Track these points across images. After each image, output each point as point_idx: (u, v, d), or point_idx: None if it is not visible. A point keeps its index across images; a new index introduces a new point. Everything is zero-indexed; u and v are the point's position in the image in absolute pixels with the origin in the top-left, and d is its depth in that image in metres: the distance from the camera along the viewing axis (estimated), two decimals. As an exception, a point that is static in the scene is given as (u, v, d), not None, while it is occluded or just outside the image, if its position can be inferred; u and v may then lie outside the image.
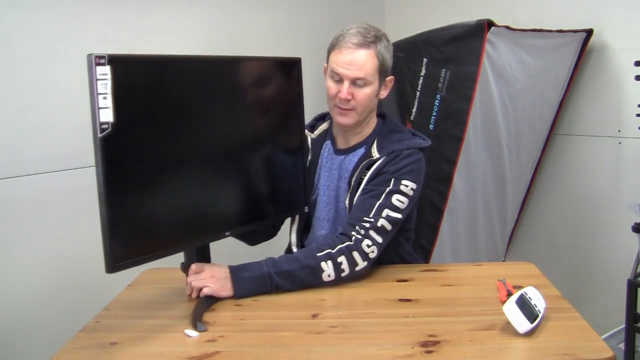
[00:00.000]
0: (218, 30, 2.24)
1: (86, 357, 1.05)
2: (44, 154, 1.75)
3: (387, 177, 1.39)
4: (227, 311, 1.22)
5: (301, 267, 1.29)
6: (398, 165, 1.39)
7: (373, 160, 1.42)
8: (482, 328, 1.10)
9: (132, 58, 1.15)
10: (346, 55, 1.37)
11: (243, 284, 1.27)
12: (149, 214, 1.17)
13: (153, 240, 1.19)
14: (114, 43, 1.90)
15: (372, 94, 1.41)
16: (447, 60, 2.06)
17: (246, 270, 1.29)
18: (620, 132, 2.20)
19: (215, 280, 1.26)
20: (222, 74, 1.30)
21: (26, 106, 1.69)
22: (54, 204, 1.77)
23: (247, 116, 1.37)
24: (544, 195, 2.51)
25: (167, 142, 1.18)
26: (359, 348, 1.05)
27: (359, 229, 1.34)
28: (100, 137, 1.03)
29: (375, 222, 1.34)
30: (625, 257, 2.05)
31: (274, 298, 1.27)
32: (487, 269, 1.49)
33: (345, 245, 1.32)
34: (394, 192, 1.37)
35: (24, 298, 1.71)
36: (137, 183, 1.13)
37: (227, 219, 1.34)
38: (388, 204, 1.36)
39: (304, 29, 2.54)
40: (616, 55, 2.18)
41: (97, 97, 1.03)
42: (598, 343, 1.03)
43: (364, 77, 1.38)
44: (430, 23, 2.18)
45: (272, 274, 1.27)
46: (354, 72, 1.37)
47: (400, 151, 1.41)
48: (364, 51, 1.37)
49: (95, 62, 1.02)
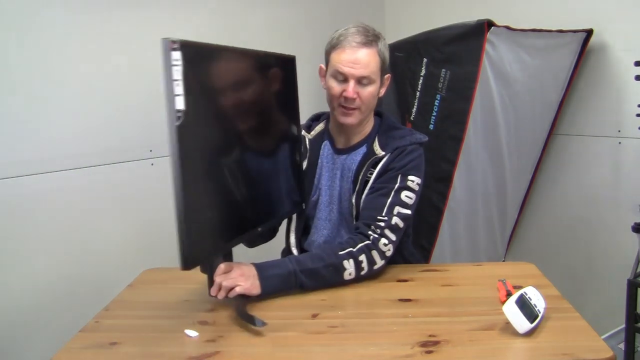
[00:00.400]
0: (219, 29, 2.24)
1: (86, 357, 1.05)
2: (44, 154, 1.75)
3: (394, 174, 1.40)
4: (227, 311, 1.22)
5: (325, 266, 1.29)
6: (403, 162, 1.41)
7: (379, 157, 1.43)
8: (482, 328, 1.10)
9: (199, 45, 1.11)
10: (350, 54, 1.37)
11: (269, 282, 1.25)
12: (216, 206, 1.16)
13: (218, 233, 1.18)
14: (114, 43, 1.90)
15: (375, 92, 1.43)
16: (447, 60, 2.06)
17: (272, 267, 1.27)
18: (620, 132, 2.20)
19: (245, 278, 1.23)
20: (266, 68, 1.36)
21: (26, 106, 1.69)
22: (54, 204, 1.77)
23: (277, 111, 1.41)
24: (544, 195, 2.51)
25: (227, 133, 1.18)
26: (359, 348, 1.05)
27: (375, 228, 1.35)
28: (176, 125, 1.00)
29: (390, 220, 1.36)
30: (625, 257, 2.05)
31: (274, 298, 1.27)
32: (487, 269, 1.49)
33: (364, 244, 1.33)
34: (403, 189, 1.39)
35: (24, 298, 1.71)
36: (206, 174, 1.12)
37: (260, 212, 1.35)
38: (398, 201, 1.38)
39: (304, 29, 2.54)
40: (616, 55, 2.18)
41: (172, 83, 0.99)
42: (598, 343, 1.02)
43: (369, 76, 1.39)
44: (430, 23, 2.18)
45: (297, 272, 1.27)
46: (359, 71, 1.38)
47: (404, 147, 1.43)
48: (368, 50, 1.38)
49: (169, 47, 0.98)
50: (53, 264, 1.78)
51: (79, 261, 1.84)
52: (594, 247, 2.34)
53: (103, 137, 1.89)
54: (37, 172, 1.73)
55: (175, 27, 2.09)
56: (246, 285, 1.22)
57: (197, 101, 1.06)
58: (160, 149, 2.06)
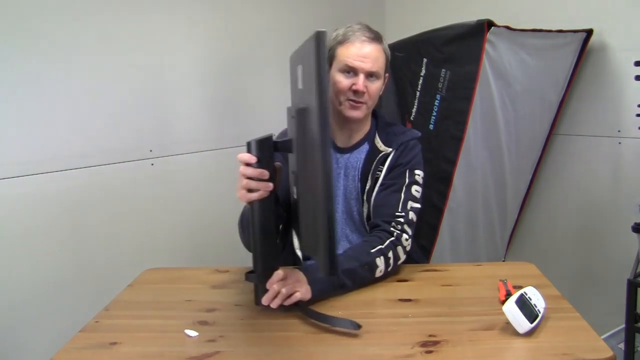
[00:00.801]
0: (219, 29, 2.24)
1: (86, 357, 1.05)
2: (44, 154, 1.75)
3: (403, 170, 1.44)
4: (227, 311, 1.22)
5: (361, 265, 1.29)
6: (409, 157, 1.45)
7: (386, 154, 1.45)
8: (482, 328, 1.10)
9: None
10: (360, 48, 1.39)
11: (318, 286, 1.23)
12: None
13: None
14: (115, 44, 1.90)
15: (380, 88, 1.46)
16: (447, 60, 2.06)
17: (316, 271, 1.24)
18: (620, 132, 2.20)
19: (301, 284, 1.20)
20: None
21: (26, 106, 1.69)
22: (54, 204, 1.77)
23: None
24: (543, 195, 2.51)
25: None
26: (359, 348, 1.04)
27: (396, 225, 1.37)
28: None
29: (407, 215, 1.39)
30: (625, 257, 2.05)
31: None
32: (487, 269, 1.48)
33: (390, 241, 1.35)
34: (412, 184, 1.43)
35: (24, 298, 1.71)
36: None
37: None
38: (410, 196, 1.41)
39: (304, 29, 2.53)
40: (616, 55, 2.18)
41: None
42: (598, 343, 1.02)
43: (377, 71, 1.41)
44: (430, 23, 2.18)
45: (339, 273, 1.26)
46: (369, 65, 1.39)
47: (407, 142, 1.47)
48: (376, 45, 1.41)
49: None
50: (53, 263, 1.78)
51: (79, 261, 1.84)
52: (594, 247, 2.34)
53: (103, 137, 1.89)
54: (37, 172, 1.73)
55: (175, 27, 2.09)
56: (302, 290, 1.19)
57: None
58: (160, 149, 2.06)
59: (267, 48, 2.40)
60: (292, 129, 1.15)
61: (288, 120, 1.27)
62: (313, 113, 0.94)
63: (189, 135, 2.17)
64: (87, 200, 1.86)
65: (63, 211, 1.80)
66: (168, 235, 2.12)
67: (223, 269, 1.49)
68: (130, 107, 1.96)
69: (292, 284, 1.18)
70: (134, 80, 1.96)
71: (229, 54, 2.29)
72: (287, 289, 1.17)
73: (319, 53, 0.90)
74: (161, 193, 2.09)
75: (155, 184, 2.05)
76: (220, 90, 2.27)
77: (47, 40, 1.73)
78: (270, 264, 1.19)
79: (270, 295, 1.16)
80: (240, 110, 2.34)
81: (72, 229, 1.83)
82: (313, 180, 0.98)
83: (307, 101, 1.01)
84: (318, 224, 0.96)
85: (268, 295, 1.17)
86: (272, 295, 1.16)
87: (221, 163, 2.26)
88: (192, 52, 2.16)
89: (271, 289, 1.17)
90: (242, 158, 1.12)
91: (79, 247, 1.85)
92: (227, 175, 2.29)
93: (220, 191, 2.23)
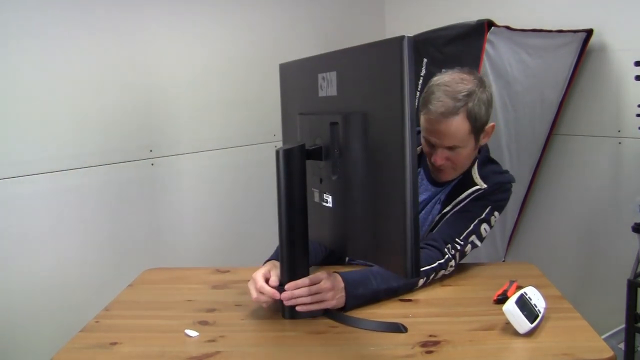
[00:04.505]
0: (219, 29, 2.24)
1: (86, 357, 1.05)
2: (44, 154, 1.75)
3: (485, 203, 1.38)
4: (227, 311, 1.22)
5: (405, 284, 1.26)
6: (498, 197, 1.41)
7: (480, 189, 1.38)
8: (482, 328, 1.10)
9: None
10: (434, 124, 1.32)
11: (355, 302, 1.20)
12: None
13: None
14: (115, 44, 1.90)
15: (470, 151, 1.38)
16: (447, 60, 2.06)
17: (360, 285, 1.20)
18: (620, 132, 2.20)
19: (334, 293, 1.16)
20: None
21: (26, 106, 1.69)
22: (54, 204, 1.78)
23: None
24: (543, 196, 2.51)
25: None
26: (359, 348, 1.04)
27: (451, 249, 1.34)
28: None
29: (464, 246, 1.36)
30: (625, 257, 2.05)
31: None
32: (487, 269, 1.48)
33: (439, 264, 1.31)
34: (484, 221, 1.39)
35: (24, 298, 1.71)
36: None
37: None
38: (477, 231, 1.38)
39: (304, 29, 2.54)
40: (616, 55, 2.18)
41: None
42: (598, 343, 1.02)
43: (457, 145, 1.33)
44: (430, 23, 2.18)
45: (381, 292, 1.23)
46: (445, 142, 1.33)
47: (504, 184, 1.42)
48: (452, 119, 1.30)
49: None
50: (53, 264, 1.78)
51: (79, 261, 1.84)
52: (594, 247, 2.34)
53: (103, 137, 1.89)
54: (37, 172, 1.73)
55: (175, 27, 2.09)
56: (333, 302, 1.16)
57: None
58: (160, 149, 2.06)
59: (267, 48, 2.40)
60: (327, 136, 1.09)
61: (300, 127, 1.22)
62: (390, 118, 0.92)
63: (189, 135, 2.17)
64: (87, 200, 1.86)
65: (63, 211, 1.80)
66: (168, 235, 2.12)
67: (223, 269, 1.49)
68: (131, 107, 1.96)
69: (325, 292, 1.14)
70: (134, 80, 1.96)
71: (229, 53, 2.29)
72: (317, 296, 1.13)
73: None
74: (161, 193, 2.09)
75: (155, 184, 2.05)
76: (221, 91, 2.27)
77: (47, 40, 1.73)
78: (295, 276, 1.15)
79: (296, 296, 1.13)
80: (240, 110, 2.34)
81: (72, 229, 1.83)
82: (387, 183, 0.97)
83: (360, 107, 1.00)
84: (390, 227, 0.96)
85: (291, 296, 1.13)
86: (289, 297, 1.13)
87: (221, 163, 2.26)
88: (192, 52, 2.16)
89: (299, 291, 1.13)
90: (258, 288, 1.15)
91: (79, 246, 1.85)
92: (227, 175, 2.29)
93: (221, 191, 2.23)
